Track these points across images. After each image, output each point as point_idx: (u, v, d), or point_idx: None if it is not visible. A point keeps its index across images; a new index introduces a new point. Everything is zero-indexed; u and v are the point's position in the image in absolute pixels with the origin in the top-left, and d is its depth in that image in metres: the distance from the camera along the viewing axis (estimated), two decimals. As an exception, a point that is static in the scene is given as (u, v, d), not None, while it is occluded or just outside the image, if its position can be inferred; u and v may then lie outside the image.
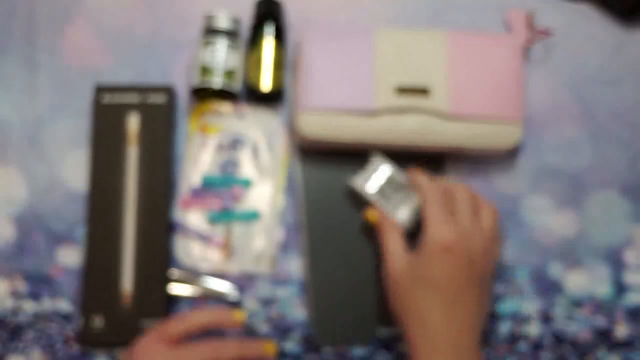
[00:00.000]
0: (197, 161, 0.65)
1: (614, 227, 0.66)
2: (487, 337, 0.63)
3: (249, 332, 0.60)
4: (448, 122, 0.63)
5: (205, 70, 0.64)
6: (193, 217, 0.64)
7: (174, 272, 0.63)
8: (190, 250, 0.63)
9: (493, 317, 0.63)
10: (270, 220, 0.64)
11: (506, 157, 0.67)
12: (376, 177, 0.60)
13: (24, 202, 0.64)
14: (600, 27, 0.71)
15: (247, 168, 0.65)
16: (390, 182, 0.60)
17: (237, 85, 0.65)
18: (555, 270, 0.65)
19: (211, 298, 0.63)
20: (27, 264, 0.63)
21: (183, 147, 0.66)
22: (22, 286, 0.62)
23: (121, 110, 0.64)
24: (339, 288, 0.62)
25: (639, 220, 0.66)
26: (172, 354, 0.52)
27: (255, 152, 0.66)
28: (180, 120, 0.67)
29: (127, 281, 0.61)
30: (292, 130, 0.66)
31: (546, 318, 0.64)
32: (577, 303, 0.64)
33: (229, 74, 0.65)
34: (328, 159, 0.66)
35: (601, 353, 0.63)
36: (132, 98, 0.65)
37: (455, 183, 0.59)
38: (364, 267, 0.63)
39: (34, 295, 0.62)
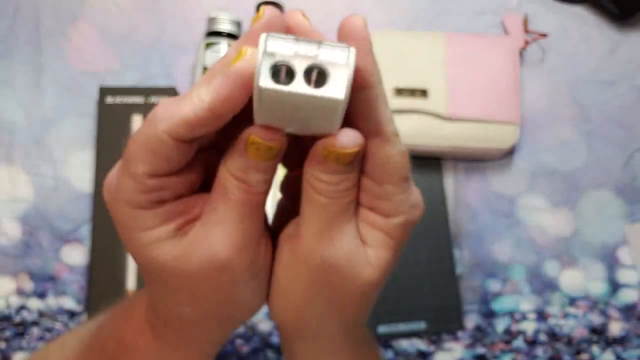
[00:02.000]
0: (200, 162, 0.66)
1: (608, 226, 0.66)
2: (484, 334, 0.64)
3: None
4: (446, 123, 0.64)
5: (207, 72, 0.65)
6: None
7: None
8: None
9: (491, 316, 0.64)
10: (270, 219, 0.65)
11: (503, 157, 0.68)
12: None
13: (29, 202, 0.65)
14: (595, 29, 0.72)
15: (248, 168, 0.66)
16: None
17: (238, 87, 0.66)
18: (550, 268, 0.65)
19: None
20: (32, 263, 0.63)
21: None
22: (27, 284, 0.63)
23: (125, 111, 0.65)
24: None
25: (633, 220, 0.67)
26: None
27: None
28: (182, 121, 0.68)
29: (131, 280, 0.62)
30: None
31: (542, 316, 0.64)
32: (572, 301, 0.65)
33: (231, 75, 0.65)
34: (328, 160, 0.66)
35: (596, 350, 0.64)
36: (136, 99, 0.65)
37: None
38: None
39: (40, 294, 0.63)
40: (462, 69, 0.65)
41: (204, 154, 0.30)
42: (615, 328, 0.64)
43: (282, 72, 0.24)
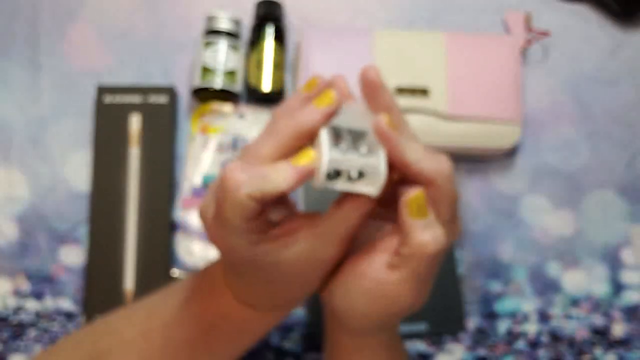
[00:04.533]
0: (198, 161, 0.66)
1: (611, 226, 0.66)
2: (485, 336, 0.64)
3: None
4: (447, 122, 0.64)
5: (206, 71, 0.65)
6: (194, 217, 0.64)
7: (175, 271, 0.63)
8: (191, 249, 0.64)
9: (492, 317, 0.64)
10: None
11: (505, 157, 0.67)
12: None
13: (26, 202, 0.65)
14: (597, 27, 0.72)
15: (247, 168, 0.66)
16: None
17: (237, 86, 0.66)
18: (553, 269, 0.65)
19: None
20: (29, 263, 0.63)
21: (184, 147, 0.67)
22: (24, 285, 0.63)
23: (123, 111, 0.65)
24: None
25: (636, 220, 0.67)
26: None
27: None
28: (181, 120, 0.67)
29: (129, 280, 0.61)
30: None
31: (544, 317, 0.64)
32: (574, 302, 0.65)
33: (230, 74, 0.65)
34: (328, 159, 0.66)
35: (598, 351, 0.64)
36: (134, 98, 0.65)
37: None
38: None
39: (37, 294, 0.63)
40: (463, 68, 0.65)
41: None
42: (618, 329, 0.64)
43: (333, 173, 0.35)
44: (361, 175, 0.35)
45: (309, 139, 0.35)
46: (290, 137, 0.35)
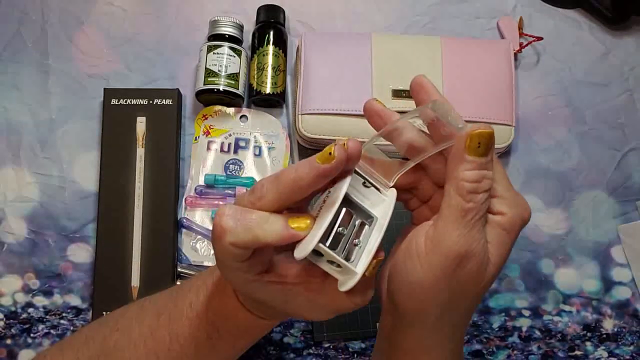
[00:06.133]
0: (203, 162, 0.67)
1: (601, 225, 0.68)
2: (480, 330, 0.65)
3: None
4: (443, 124, 0.65)
5: (210, 74, 0.66)
6: (198, 216, 0.66)
7: (181, 269, 0.64)
8: (195, 248, 0.65)
9: (487, 312, 0.65)
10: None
11: (498, 158, 0.68)
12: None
13: (36, 202, 0.66)
14: (588, 32, 0.73)
15: (250, 168, 0.67)
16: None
17: (240, 88, 0.67)
18: (545, 266, 0.67)
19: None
20: (39, 261, 0.64)
21: (189, 148, 0.68)
22: (34, 282, 0.64)
23: (130, 113, 0.66)
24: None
25: (625, 219, 0.68)
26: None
27: (257, 153, 0.68)
28: (186, 122, 0.69)
29: (136, 277, 0.62)
30: (293, 131, 0.68)
31: (537, 312, 0.65)
32: (566, 298, 0.66)
33: (232, 77, 0.66)
34: (328, 160, 0.67)
35: (589, 346, 0.65)
36: (140, 101, 0.66)
37: None
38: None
39: (46, 291, 0.64)
40: (458, 72, 0.66)
41: None
42: (608, 325, 0.65)
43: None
44: (339, 267, 0.36)
45: (309, 192, 0.35)
46: (290, 189, 0.35)
